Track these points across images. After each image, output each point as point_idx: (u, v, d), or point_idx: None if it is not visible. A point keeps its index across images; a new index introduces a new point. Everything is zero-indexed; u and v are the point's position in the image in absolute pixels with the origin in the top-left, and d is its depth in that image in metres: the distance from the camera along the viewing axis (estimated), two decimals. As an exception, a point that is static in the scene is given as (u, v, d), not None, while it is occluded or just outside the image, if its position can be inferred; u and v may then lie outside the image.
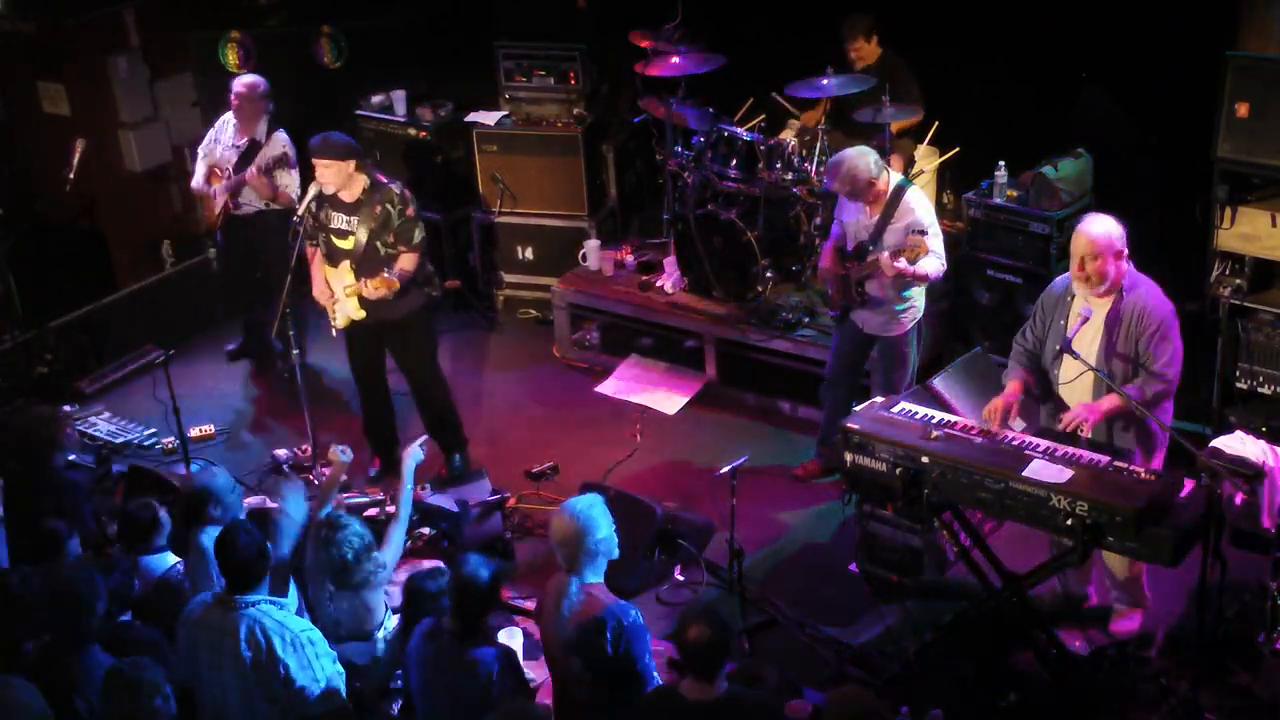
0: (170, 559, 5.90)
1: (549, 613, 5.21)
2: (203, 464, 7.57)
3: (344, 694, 5.12)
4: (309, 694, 4.98)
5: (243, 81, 8.35)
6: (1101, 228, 5.76)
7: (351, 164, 7.05)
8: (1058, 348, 5.90)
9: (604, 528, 5.13)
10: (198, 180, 8.50)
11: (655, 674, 5.06)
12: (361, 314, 7.20)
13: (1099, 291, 5.79)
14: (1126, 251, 5.78)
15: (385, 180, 7.18)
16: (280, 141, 8.28)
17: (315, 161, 7.03)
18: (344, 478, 6.27)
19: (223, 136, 8.42)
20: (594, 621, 4.96)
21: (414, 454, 6.14)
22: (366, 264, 7.12)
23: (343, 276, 7.18)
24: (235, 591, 5.04)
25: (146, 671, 4.75)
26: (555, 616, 5.14)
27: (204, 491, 5.81)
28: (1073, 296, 5.89)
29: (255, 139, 8.30)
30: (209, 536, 5.45)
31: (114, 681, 4.75)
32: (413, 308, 7.32)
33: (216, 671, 5.03)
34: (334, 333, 7.43)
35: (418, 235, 7.19)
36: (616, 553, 5.21)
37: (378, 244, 7.11)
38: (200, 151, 8.53)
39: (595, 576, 5.14)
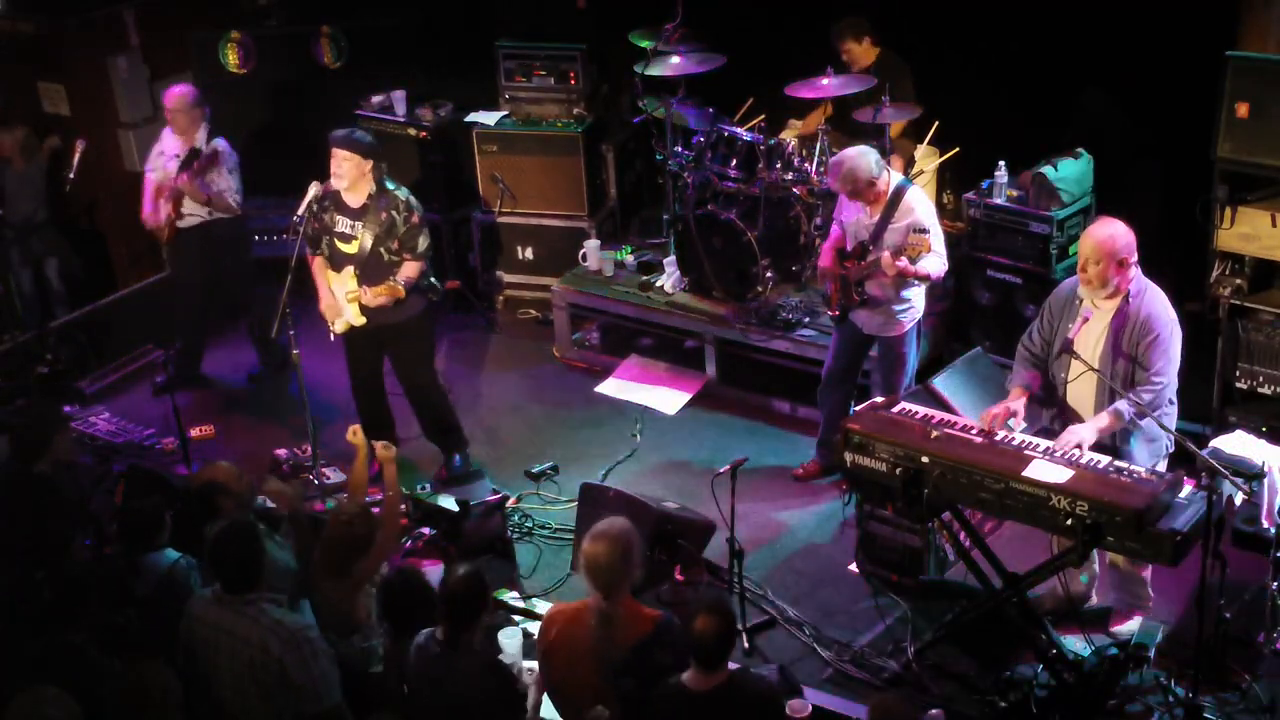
0: (172, 554, 5.91)
1: (583, 640, 5.04)
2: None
3: (341, 693, 5.12)
4: (306, 692, 4.97)
5: (172, 93, 8.24)
6: (1106, 232, 5.74)
7: (369, 164, 7.04)
8: (1059, 348, 5.90)
9: (639, 549, 5.10)
10: (147, 209, 8.34)
11: None
12: (361, 320, 7.19)
13: (1103, 295, 5.79)
14: (1134, 259, 5.76)
15: (392, 187, 7.17)
16: (215, 145, 8.19)
17: (334, 151, 7.00)
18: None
19: (166, 148, 8.30)
20: (650, 637, 4.97)
21: (388, 456, 6.15)
22: (370, 270, 7.12)
23: (346, 282, 7.17)
24: (232, 590, 5.04)
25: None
26: (599, 643, 5.00)
27: (212, 485, 5.81)
28: (1080, 300, 5.88)
29: (195, 147, 8.19)
30: None
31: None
32: (412, 313, 7.31)
33: (215, 669, 5.04)
34: (332, 337, 7.42)
35: (423, 243, 7.18)
36: None
37: (381, 250, 7.11)
38: (148, 167, 8.39)
39: (624, 594, 5.09)
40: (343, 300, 7.18)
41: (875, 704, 4.86)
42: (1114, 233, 5.74)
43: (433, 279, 7.38)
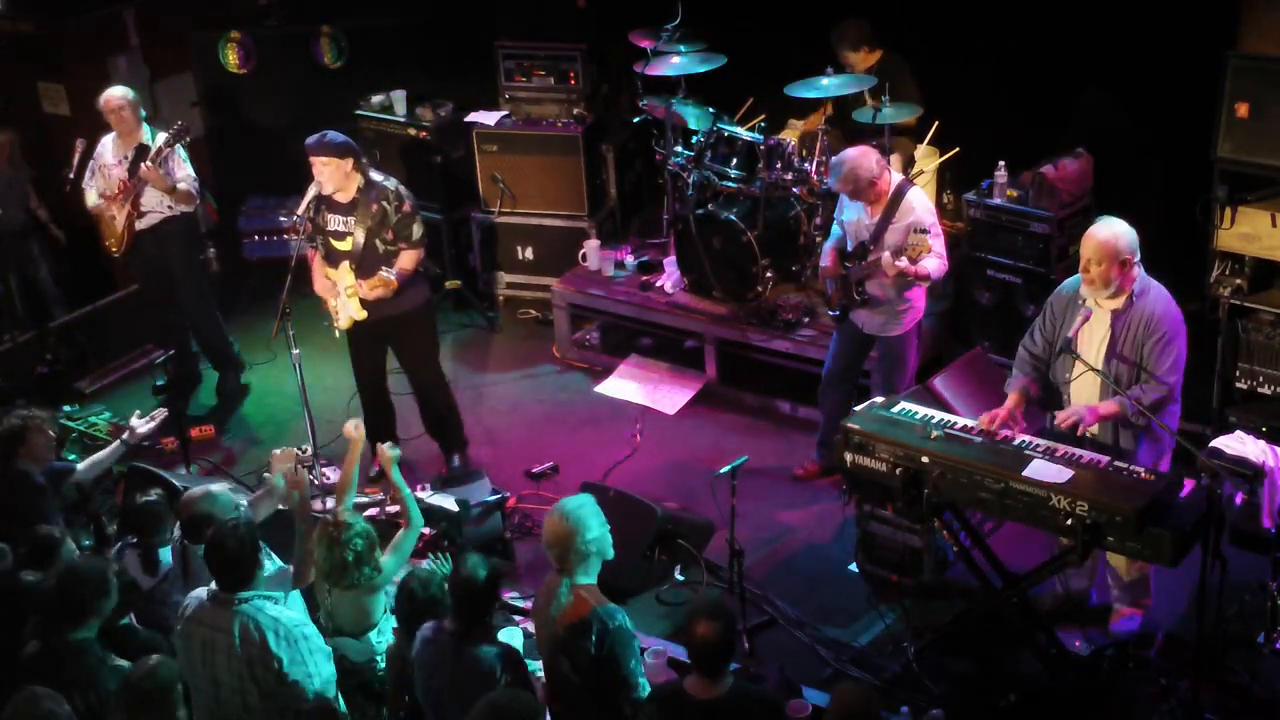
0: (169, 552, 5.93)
1: (539, 611, 5.23)
2: (199, 476, 7.54)
3: (336, 690, 5.12)
4: (303, 688, 4.97)
5: (114, 95, 8.11)
6: (1108, 233, 5.72)
7: (349, 162, 7.03)
8: (1059, 347, 5.90)
9: (595, 527, 5.08)
10: (92, 199, 8.24)
11: (643, 679, 5.03)
12: (364, 314, 7.20)
13: (1106, 295, 5.78)
14: (1136, 259, 5.75)
15: (380, 178, 7.17)
16: (162, 137, 8.05)
17: (312, 159, 7.01)
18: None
19: (106, 159, 8.20)
20: (580, 623, 4.96)
21: (390, 457, 6.03)
22: (367, 263, 7.12)
23: (343, 277, 7.17)
24: (228, 589, 5.04)
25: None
26: (545, 616, 5.15)
27: (204, 516, 5.77)
28: (1083, 299, 5.88)
29: (142, 144, 8.09)
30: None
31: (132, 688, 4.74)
32: (414, 305, 7.33)
33: (210, 667, 5.03)
34: (336, 334, 7.42)
35: (417, 231, 7.19)
36: (611, 553, 5.17)
37: (377, 242, 7.11)
38: (86, 185, 8.28)
39: (587, 577, 5.10)
40: (343, 295, 7.19)
41: (836, 694, 4.81)
42: (1116, 233, 5.72)
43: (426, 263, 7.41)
